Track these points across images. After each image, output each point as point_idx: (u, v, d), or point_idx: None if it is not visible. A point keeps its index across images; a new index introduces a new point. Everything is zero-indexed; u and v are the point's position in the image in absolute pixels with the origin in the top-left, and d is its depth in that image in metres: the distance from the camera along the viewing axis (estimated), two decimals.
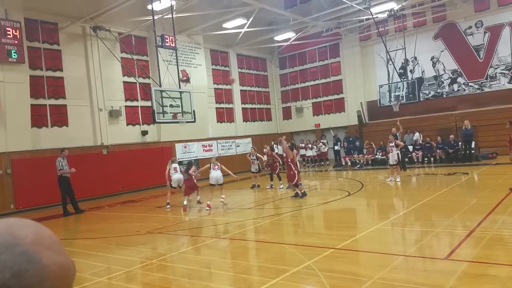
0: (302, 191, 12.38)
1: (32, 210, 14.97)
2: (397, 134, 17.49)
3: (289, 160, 12.45)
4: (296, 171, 12.33)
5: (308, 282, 5.21)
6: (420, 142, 19.99)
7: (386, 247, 6.55)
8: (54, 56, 16.96)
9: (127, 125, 19.39)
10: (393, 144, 14.70)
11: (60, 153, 13.69)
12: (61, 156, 13.59)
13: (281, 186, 15.14)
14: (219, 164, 12.52)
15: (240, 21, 20.61)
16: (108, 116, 18.45)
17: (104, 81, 18.29)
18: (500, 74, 20.71)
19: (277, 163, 15.29)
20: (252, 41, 24.49)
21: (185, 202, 12.08)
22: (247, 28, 21.59)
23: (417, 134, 20.35)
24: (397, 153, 14.65)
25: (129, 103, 19.54)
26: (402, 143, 15.60)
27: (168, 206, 12.81)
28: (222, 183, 12.41)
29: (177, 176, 12.86)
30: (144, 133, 19.84)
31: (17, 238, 0.60)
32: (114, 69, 18.88)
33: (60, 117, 16.98)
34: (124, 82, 19.38)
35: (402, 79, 20.05)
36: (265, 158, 16.14)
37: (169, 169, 13.04)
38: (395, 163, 14.63)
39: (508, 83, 20.49)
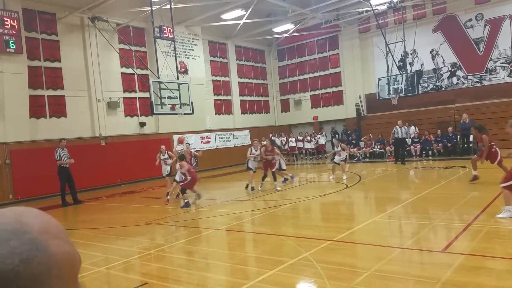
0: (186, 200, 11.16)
1: (31, 200, 14.98)
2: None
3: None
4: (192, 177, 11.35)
5: (305, 274, 5.24)
6: (416, 135, 19.89)
7: (383, 240, 6.59)
8: (52, 46, 16.87)
9: (125, 116, 19.36)
10: (339, 148, 14.52)
11: (58, 144, 13.69)
12: (59, 146, 13.59)
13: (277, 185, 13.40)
14: None
15: (238, 12, 20.49)
16: (106, 107, 18.41)
17: (102, 72, 18.23)
18: (500, 68, 20.67)
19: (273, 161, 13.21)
20: (251, 32, 24.37)
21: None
22: (246, 19, 21.45)
23: (412, 128, 20.29)
24: (345, 155, 14.69)
25: (127, 94, 19.49)
26: (348, 147, 15.93)
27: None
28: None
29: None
30: (142, 124, 19.82)
31: (25, 225, 0.61)
32: (112, 60, 18.80)
33: (58, 108, 16.95)
34: (122, 73, 19.31)
35: (401, 72, 19.99)
36: (257, 152, 13.54)
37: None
38: (341, 162, 14.48)
39: (508, 76, 20.47)
